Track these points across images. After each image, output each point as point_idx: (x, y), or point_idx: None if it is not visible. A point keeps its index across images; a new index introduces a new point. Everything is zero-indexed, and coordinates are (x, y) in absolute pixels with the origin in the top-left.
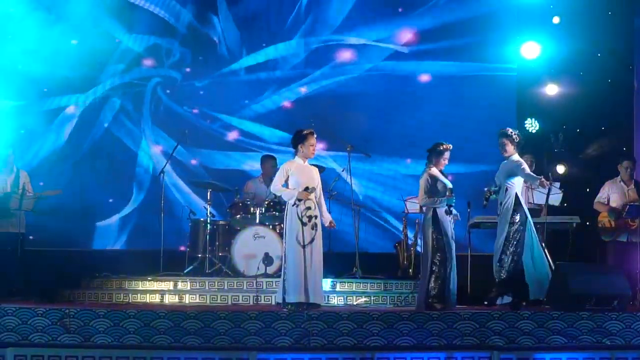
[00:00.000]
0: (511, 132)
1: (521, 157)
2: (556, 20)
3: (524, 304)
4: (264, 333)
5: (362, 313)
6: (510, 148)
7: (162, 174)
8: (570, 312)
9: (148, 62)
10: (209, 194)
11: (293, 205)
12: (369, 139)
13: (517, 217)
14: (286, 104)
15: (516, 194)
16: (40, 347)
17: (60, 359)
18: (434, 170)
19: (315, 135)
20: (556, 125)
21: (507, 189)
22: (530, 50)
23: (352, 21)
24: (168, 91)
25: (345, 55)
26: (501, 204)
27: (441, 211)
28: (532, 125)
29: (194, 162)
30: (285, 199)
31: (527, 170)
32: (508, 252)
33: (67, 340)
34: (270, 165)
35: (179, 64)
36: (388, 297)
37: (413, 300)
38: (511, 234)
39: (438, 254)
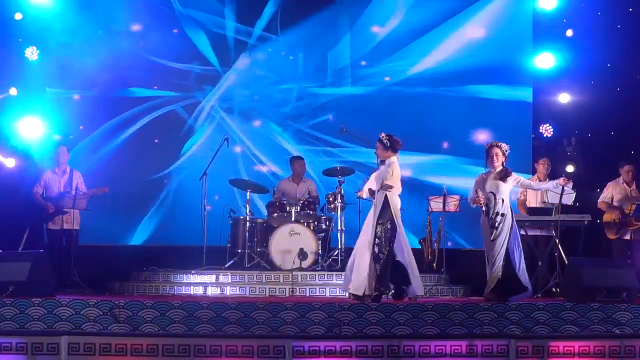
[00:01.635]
0: (382, 137)
1: (538, 160)
2: (569, 33)
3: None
4: (299, 322)
5: (389, 304)
6: (379, 151)
7: (204, 176)
8: (582, 304)
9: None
10: (248, 193)
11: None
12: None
13: (386, 217)
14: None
15: (386, 195)
16: (92, 335)
17: (110, 346)
18: (479, 177)
19: None
20: (569, 130)
21: (379, 190)
22: (545, 61)
23: (382, 45)
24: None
25: (374, 75)
26: (374, 204)
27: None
28: (546, 130)
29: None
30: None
31: (388, 173)
32: (377, 250)
33: (117, 330)
34: (298, 165)
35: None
36: None
37: (437, 292)
38: (378, 233)
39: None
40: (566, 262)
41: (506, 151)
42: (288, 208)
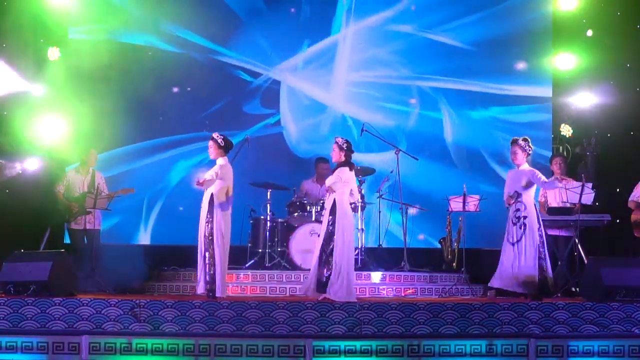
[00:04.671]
0: (216, 136)
1: (552, 159)
2: (589, 33)
3: None
4: (319, 322)
5: (409, 303)
6: (213, 150)
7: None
8: (602, 303)
9: None
10: (268, 193)
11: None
12: (414, 144)
13: (210, 217)
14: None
15: (211, 194)
16: (113, 335)
17: (131, 345)
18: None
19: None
20: (589, 130)
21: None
22: (565, 62)
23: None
24: None
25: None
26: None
27: None
28: (566, 130)
29: None
30: None
31: (215, 174)
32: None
33: (138, 329)
34: (322, 168)
35: None
36: (434, 289)
37: (457, 291)
38: (206, 232)
39: None
40: (586, 261)
41: (343, 144)
42: (308, 208)
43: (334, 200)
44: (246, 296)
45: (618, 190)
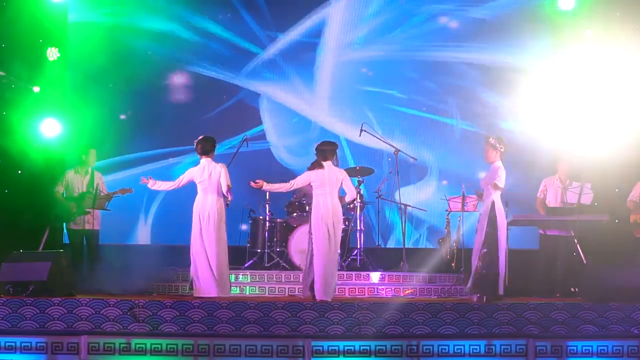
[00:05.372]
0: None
1: (559, 160)
2: (589, 34)
3: None
4: (318, 322)
5: (408, 304)
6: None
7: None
8: (601, 303)
9: None
10: (267, 193)
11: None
12: (412, 143)
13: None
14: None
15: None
16: (112, 335)
17: (130, 346)
18: None
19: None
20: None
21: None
22: (564, 61)
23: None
24: None
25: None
26: None
27: None
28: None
29: None
30: None
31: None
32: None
33: (137, 329)
34: None
35: None
36: (433, 289)
37: (456, 291)
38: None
39: None
40: (585, 261)
41: (315, 147)
42: (307, 208)
43: (312, 203)
44: (245, 296)
45: (617, 190)
